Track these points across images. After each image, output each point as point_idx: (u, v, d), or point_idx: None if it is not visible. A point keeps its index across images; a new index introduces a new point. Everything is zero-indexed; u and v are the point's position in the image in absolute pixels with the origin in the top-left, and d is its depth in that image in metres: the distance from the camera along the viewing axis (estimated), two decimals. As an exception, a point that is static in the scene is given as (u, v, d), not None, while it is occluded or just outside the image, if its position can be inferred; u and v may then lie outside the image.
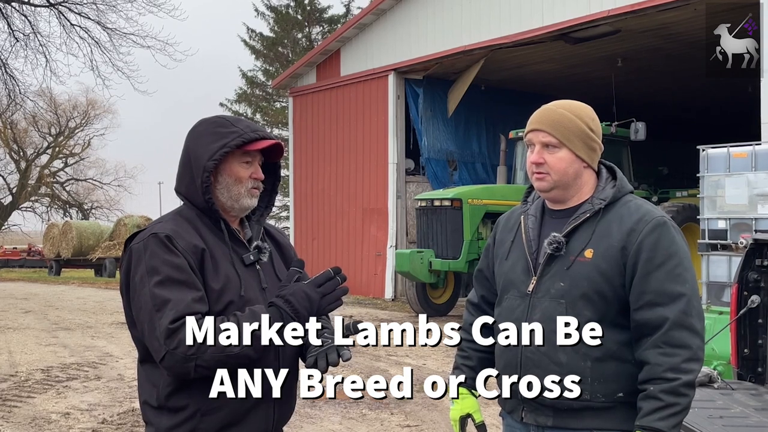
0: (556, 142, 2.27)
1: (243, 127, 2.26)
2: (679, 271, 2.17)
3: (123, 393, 7.43)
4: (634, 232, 2.19)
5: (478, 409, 2.42)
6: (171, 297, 2.05)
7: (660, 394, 2.08)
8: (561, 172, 2.27)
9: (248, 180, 2.27)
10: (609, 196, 2.28)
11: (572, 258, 2.23)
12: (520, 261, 2.34)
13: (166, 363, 2.04)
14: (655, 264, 2.16)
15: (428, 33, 16.01)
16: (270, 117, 34.14)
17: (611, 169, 2.38)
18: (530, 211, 2.40)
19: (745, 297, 4.29)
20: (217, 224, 2.26)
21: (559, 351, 2.17)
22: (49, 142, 45.67)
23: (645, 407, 2.10)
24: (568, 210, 2.32)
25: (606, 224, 2.24)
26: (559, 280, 2.23)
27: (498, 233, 2.51)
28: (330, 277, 2.17)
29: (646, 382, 2.12)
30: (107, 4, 18.54)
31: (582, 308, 2.18)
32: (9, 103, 20.19)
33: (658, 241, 2.18)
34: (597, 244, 2.22)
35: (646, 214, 2.23)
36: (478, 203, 12.74)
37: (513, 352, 2.24)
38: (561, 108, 2.32)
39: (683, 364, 2.09)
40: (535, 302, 2.25)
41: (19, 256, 37.93)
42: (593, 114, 2.35)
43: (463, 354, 2.50)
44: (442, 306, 13.54)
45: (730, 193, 9.78)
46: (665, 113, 19.08)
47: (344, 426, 6.24)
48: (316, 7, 33.39)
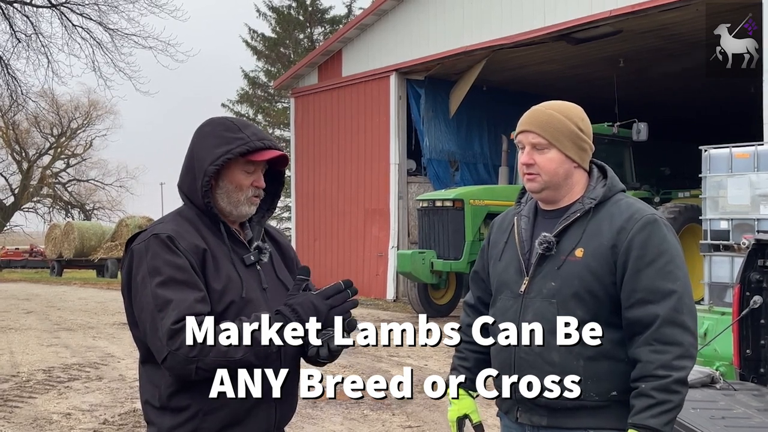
0: (545, 143, 2.28)
1: (249, 134, 2.23)
2: (670, 269, 2.17)
3: (124, 393, 7.43)
4: (624, 230, 2.20)
5: (476, 410, 2.43)
6: (173, 297, 2.04)
7: (652, 392, 2.09)
8: (551, 173, 2.29)
9: (249, 188, 2.25)
10: (599, 195, 2.29)
11: (563, 258, 2.24)
12: (513, 262, 2.36)
13: (168, 363, 2.03)
14: (645, 261, 2.17)
15: (430, 33, 16.01)
16: (271, 118, 34.15)
17: (602, 168, 2.39)
18: (523, 212, 2.41)
19: (747, 298, 4.29)
20: (216, 225, 2.25)
21: (553, 351, 2.17)
22: (51, 143, 45.71)
23: (637, 405, 2.11)
24: (559, 210, 2.33)
25: (596, 223, 2.25)
26: (550, 279, 2.24)
27: (492, 234, 2.52)
28: (340, 290, 2.13)
29: (638, 379, 2.13)
30: (109, 4, 18.54)
31: (574, 308, 2.19)
32: (11, 104, 20.18)
33: (649, 238, 2.18)
34: (587, 243, 2.23)
35: (637, 212, 2.23)
36: (479, 204, 12.74)
37: (507, 352, 2.26)
38: (550, 109, 2.33)
39: (674, 361, 2.10)
40: (527, 302, 2.27)
41: (21, 256, 37.97)
42: (583, 114, 2.36)
43: (460, 355, 2.51)
44: (443, 306, 13.53)
45: (733, 194, 9.77)
46: (667, 113, 19.07)
47: (345, 426, 6.23)
48: (318, 8, 33.39)
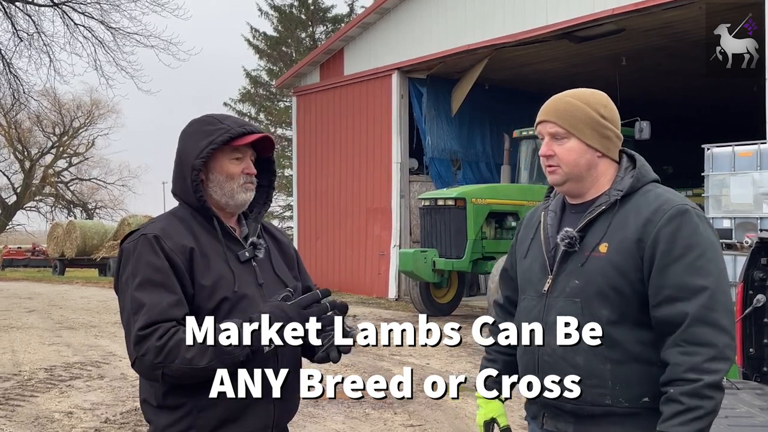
0: (564, 132, 2.16)
1: (230, 123, 2.25)
2: (701, 263, 2.00)
3: (126, 392, 7.43)
4: (651, 222, 2.04)
5: (504, 413, 2.36)
6: (146, 301, 2.06)
7: (681, 397, 1.92)
8: (571, 164, 2.16)
9: (240, 176, 2.26)
10: (627, 186, 2.13)
11: (587, 254, 2.10)
12: (537, 259, 2.24)
13: (137, 368, 2.08)
14: (673, 256, 2.00)
15: (432, 32, 15.98)
16: (274, 116, 34.15)
17: (632, 157, 2.23)
18: (551, 207, 2.29)
19: (750, 296, 4.28)
20: (210, 222, 2.25)
21: (577, 353, 2.05)
22: (53, 142, 45.79)
23: (666, 411, 1.95)
24: (585, 204, 2.19)
25: (623, 216, 2.09)
26: (573, 277, 2.11)
27: (521, 231, 2.41)
28: (317, 299, 2.12)
29: (667, 384, 1.97)
30: (111, 3, 18.55)
31: (598, 307, 2.05)
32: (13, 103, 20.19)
33: (678, 231, 2.01)
34: (612, 237, 2.08)
35: (665, 202, 2.07)
36: (481, 202, 12.72)
37: (530, 355, 2.15)
38: (569, 96, 2.21)
39: (705, 363, 1.93)
40: (551, 302, 2.14)
41: (23, 255, 38.08)
42: (606, 100, 2.22)
43: (489, 357, 2.43)
44: (445, 305, 13.52)
45: (735, 192, 9.75)
46: (670, 112, 19.05)
47: (347, 425, 6.22)
48: (320, 7, 33.39)
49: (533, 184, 13.55)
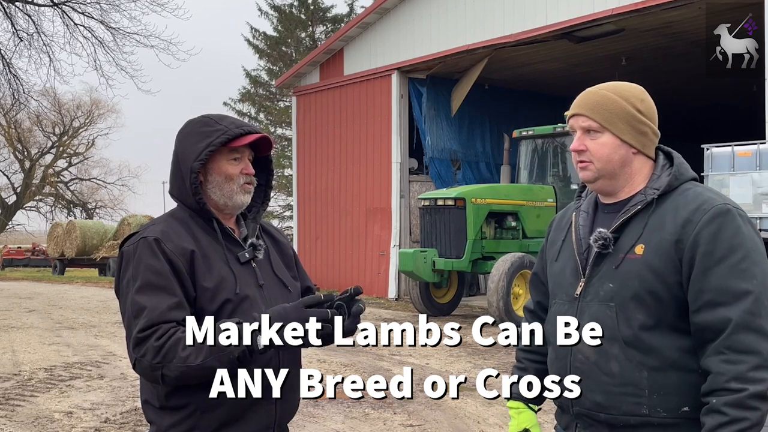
0: (597, 126, 2.06)
1: (227, 124, 2.25)
2: (745, 266, 1.88)
3: (126, 392, 7.43)
4: (690, 222, 1.93)
5: (537, 424, 2.28)
6: (147, 305, 2.06)
7: (724, 408, 1.80)
8: (604, 160, 2.05)
9: (239, 176, 2.26)
10: (664, 184, 2.03)
11: (621, 256, 1.99)
12: (569, 262, 2.13)
13: (137, 370, 2.09)
14: (714, 258, 1.89)
15: (432, 32, 15.99)
16: (273, 116, 34.16)
17: (669, 155, 2.14)
18: (582, 206, 2.18)
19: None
20: (209, 224, 2.25)
21: (611, 360, 1.96)
22: (53, 142, 45.80)
23: (708, 423, 1.83)
24: (619, 203, 2.08)
25: (660, 216, 1.98)
26: (608, 281, 2.00)
27: (551, 233, 2.30)
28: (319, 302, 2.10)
29: (709, 393, 1.85)
30: (111, 3, 18.56)
31: (634, 311, 1.95)
32: (13, 103, 20.21)
33: (719, 231, 1.90)
34: (649, 238, 1.97)
35: (705, 201, 1.96)
36: (481, 202, 12.73)
37: (563, 362, 2.06)
38: (603, 89, 2.12)
39: (750, 372, 1.80)
40: (583, 307, 2.03)
41: (23, 255, 38.10)
42: (643, 94, 2.12)
43: (519, 365, 2.34)
44: (445, 306, 13.53)
45: (735, 192, 9.76)
46: (669, 112, 19.01)
47: (347, 425, 6.23)
48: (320, 7, 33.40)
49: (533, 184, 13.57)
